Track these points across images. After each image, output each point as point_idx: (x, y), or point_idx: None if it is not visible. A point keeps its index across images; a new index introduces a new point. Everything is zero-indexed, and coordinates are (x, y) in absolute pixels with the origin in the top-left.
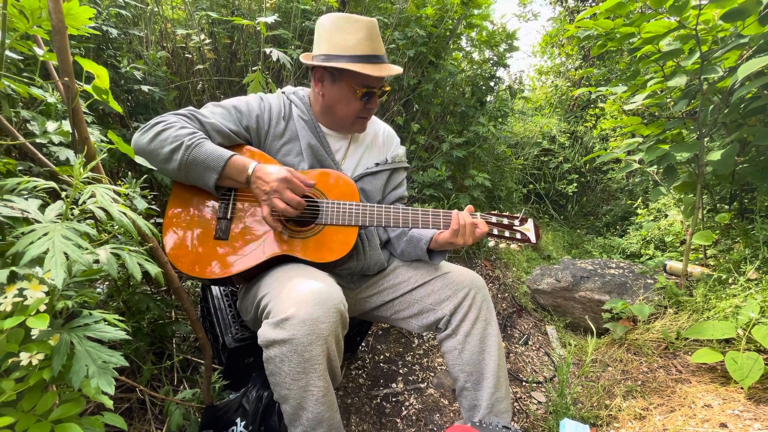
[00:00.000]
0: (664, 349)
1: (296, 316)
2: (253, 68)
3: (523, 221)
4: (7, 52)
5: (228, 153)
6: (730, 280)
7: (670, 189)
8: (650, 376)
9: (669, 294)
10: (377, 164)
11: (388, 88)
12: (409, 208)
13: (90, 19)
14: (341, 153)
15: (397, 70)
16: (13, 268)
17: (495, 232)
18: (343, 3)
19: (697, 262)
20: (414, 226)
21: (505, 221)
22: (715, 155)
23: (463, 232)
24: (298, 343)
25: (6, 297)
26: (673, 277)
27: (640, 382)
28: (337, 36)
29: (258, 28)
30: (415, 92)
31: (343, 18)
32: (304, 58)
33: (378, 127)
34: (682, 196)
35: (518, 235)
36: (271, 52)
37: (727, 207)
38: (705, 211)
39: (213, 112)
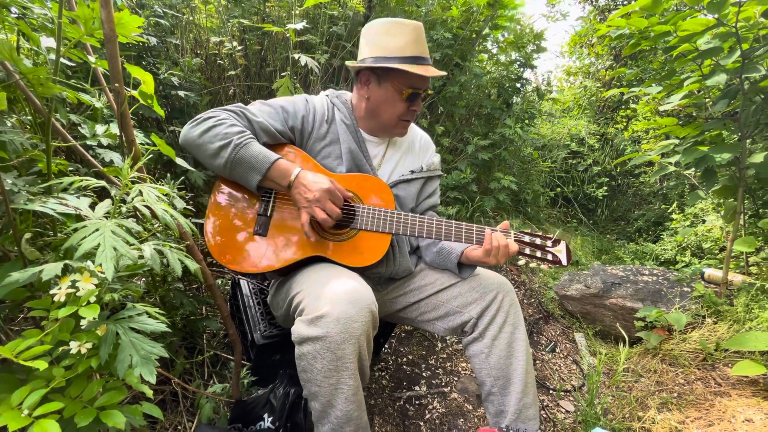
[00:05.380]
0: (702, 361)
1: (330, 314)
2: (282, 73)
3: (555, 242)
4: (62, 60)
5: (274, 156)
6: None
7: (709, 193)
8: (687, 389)
9: (707, 303)
10: (412, 171)
11: (430, 92)
12: (443, 219)
13: (138, 27)
14: (378, 158)
15: (442, 72)
16: (67, 261)
17: (527, 251)
18: (369, 7)
19: (738, 270)
20: (447, 238)
21: (538, 241)
22: (758, 157)
23: (496, 253)
24: (332, 341)
25: (60, 288)
26: (712, 285)
27: (676, 394)
28: (386, 39)
29: (287, 35)
30: (440, 94)
31: (391, 22)
32: (353, 64)
33: (415, 133)
34: (722, 200)
35: (549, 257)
36: (299, 57)
37: None
38: (747, 217)
39: (261, 110)
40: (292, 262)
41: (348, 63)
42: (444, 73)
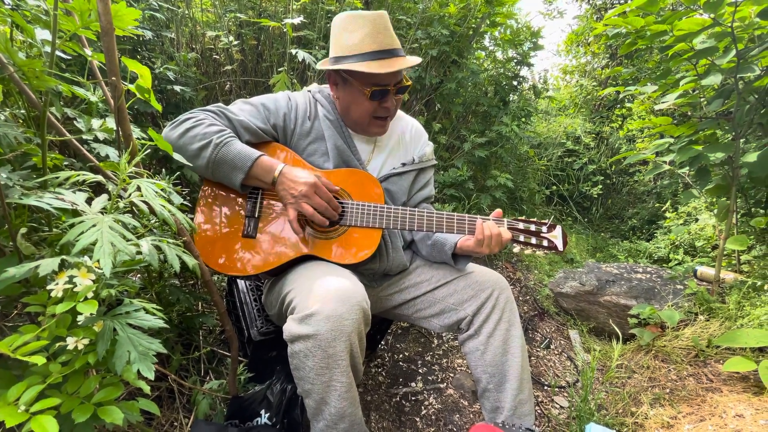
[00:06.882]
0: (694, 357)
1: (320, 312)
2: (279, 69)
3: (551, 228)
4: (57, 52)
5: (256, 153)
6: (765, 287)
7: (703, 192)
8: (679, 384)
9: (700, 300)
10: (403, 164)
11: (408, 83)
12: (434, 211)
13: (136, 20)
14: (367, 153)
15: (411, 62)
16: (64, 257)
17: (521, 238)
18: (366, 3)
19: (730, 268)
20: (438, 230)
21: (533, 228)
22: (751, 156)
23: (489, 242)
24: (322, 339)
25: (57, 284)
26: (705, 283)
27: (668, 390)
28: (343, 36)
29: (284, 30)
30: (437, 91)
31: (348, 16)
32: (321, 65)
33: (405, 123)
34: (715, 199)
35: (545, 243)
36: (296, 53)
37: (762, 211)
38: (739, 215)
39: (242, 109)
40: (283, 262)
41: (318, 65)
42: (413, 62)
